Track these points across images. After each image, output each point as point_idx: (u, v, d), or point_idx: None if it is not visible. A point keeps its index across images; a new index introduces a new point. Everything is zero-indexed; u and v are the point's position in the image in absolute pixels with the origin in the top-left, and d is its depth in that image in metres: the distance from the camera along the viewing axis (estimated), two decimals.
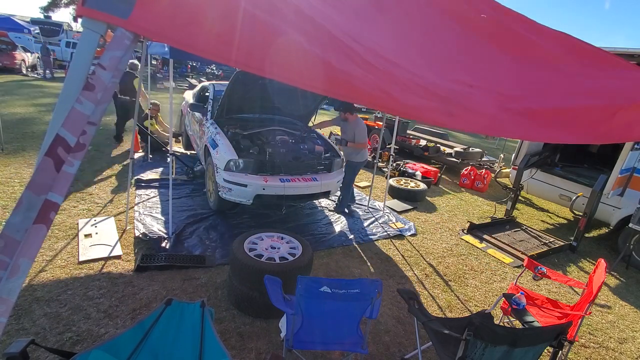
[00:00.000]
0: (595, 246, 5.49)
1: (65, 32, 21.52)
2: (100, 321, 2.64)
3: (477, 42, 1.36)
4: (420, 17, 1.35)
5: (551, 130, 1.31)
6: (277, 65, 1.06)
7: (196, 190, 5.28)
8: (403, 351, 2.79)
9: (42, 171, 0.88)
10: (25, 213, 0.87)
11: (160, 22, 0.96)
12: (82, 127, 0.92)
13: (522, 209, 6.82)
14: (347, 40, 1.12)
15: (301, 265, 2.85)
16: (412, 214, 5.69)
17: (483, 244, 4.89)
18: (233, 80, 4.33)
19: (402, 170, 7.60)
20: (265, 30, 1.03)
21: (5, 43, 15.41)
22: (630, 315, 3.73)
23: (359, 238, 4.52)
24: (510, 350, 1.84)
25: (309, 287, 2.01)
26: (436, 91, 1.19)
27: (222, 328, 2.72)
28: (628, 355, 3.13)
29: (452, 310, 3.38)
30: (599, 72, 1.39)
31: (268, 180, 4.15)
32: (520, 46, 1.38)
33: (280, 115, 5.64)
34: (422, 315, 2.24)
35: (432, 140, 9.96)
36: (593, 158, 7.00)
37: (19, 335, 2.42)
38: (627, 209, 4.95)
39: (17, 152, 5.73)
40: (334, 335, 2.20)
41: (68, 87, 0.95)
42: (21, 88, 11.87)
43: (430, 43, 1.34)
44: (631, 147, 4.78)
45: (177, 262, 3.43)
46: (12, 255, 0.85)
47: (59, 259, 3.28)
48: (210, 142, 4.49)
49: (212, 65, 22.32)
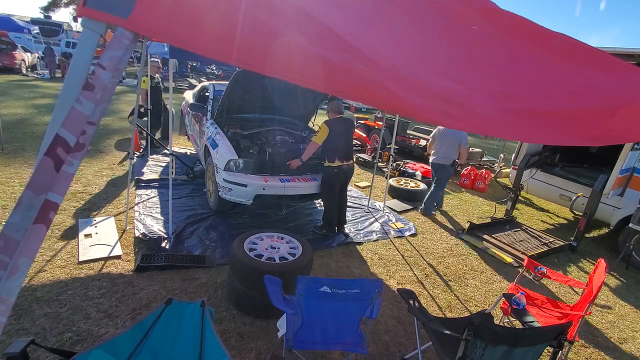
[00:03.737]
0: (595, 246, 5.49)
1: (65, 32, 21.56)
2: (100, 321, 2.64)
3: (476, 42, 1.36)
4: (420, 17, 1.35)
5: (550, 131, 1.31)
6: (279, 63, 1.06)
7: (196, 190, 5.28)
8: (403, 351, 2.79)
9: (42, 171, 0.88)
10: (25, 213, 0.87)
11: (160, 22, 0.96)
12: (81, 127, 0.92)
13: (522, 209, 6.82)
14: (348, 38, 1.12)
15: (301, 265, 2.85)
16: (412, 214, 5.69)
17: (483, 244, 4.88)
18: (233, 80, 4.33)
19: (402, 170, 7.60)
20: (266, 28, 1.03)
21: (5, 43, 15.42)
22: (630, 315, 3.73)
23: (359, 238, 4.52)
24: (510, 350, 1.84)
25: (309, 287, 2.01)
26: (436, 91, 1.19)
27: (222, 328, 2.72)
28: (628, 355, 3.13)
29: (452, 310, 3.38)
30: (598, 72, 1.39)
31: (268, 180, 4.15)
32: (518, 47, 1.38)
33: (280, 115, 5.64)
34: (422, 315, 2.24)
35: None
36: (593, 158, 7.00)
37: (19, 335, 2.42)
38: (627, 209, 4.95)
39: (17, 152, 5.73)
40: (334, 335, 2.20)
41: (68, 87, 0.95)
42: (21, 88, 11.87)
43: (431, 43, 1.34)
44: (631, 147, 4.78)
45: (177, 262, 3.43)
46: (12, 255, 0.85)
47: (59, 259, 3.28)
48: (210, 142, 4.49)
49: (212, 65, 22.31)
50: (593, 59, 1.40)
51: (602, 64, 1.40)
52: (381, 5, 1.33)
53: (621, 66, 1.39)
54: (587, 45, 1.41)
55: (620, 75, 1.39)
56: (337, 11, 1.23)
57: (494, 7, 1.36)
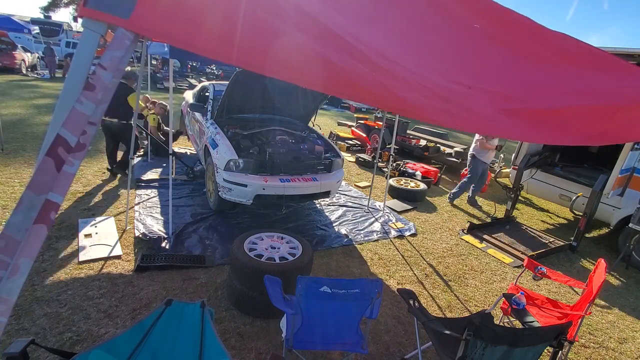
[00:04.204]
0: (595, 246, 5.49)
1: (65, 32, 21.56)
2: (100, 321, 2.64)
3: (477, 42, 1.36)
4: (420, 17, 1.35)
5: (550, 131, 1.31)
6: (279, 63, 1.06)
7: (196, 190, 5.28)
8: (403, 351, 2.79)
9: (43, 171, 0.88)
10: (25, 213, 0.87)
11: (161, 22, 0.96)
12: (82, 127, 0.92)
13: (522, 209, 6.83)
14: (349, 38, 1.12)
15: (301, 265, 2.85)
16: (412, 214, 5.69)
17: (483, 244, 4.89)
18: (233, 80, 4.33)
19: (402, 170, 7.60)
20: (267, 29, 1.03)
21: (5, 43, 15.41)
22: (630, 315, 3.73)
23: (359, 238, 4.52)
24: (510, 350, 1.84)
25: (309, 287, 2.01)
26: (437, 91, 1.19)
27: (222, 328, 2.72)
28: (628, 355, 3.13)
29: (452, 310, 3.38)
30: (599, 72, 1.39)
31: (268, 180, 4.15)
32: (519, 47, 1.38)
33: (280, 115, 5.64)
34: (422, 315, 2.24)
35: (432, 140, 9.95)
36: (593, 158, 6.99)
37: (19, 335, 2.42)
38: (627, 209, 4.95)
39: (17, 152, 5.73)
40: (334, 335, 2.20)
41: (68, 87, 0.95)
42: (21, 88, 11.87)
43: (431, 43, 1.34)
44: (631, 147, 4.78)
45: (177, 262, 3.43)
46: (12, 255, 0.85)
47: (59, 259, 3.28)
48: (210, 142, 4.49)
49: (212, 65, 22.30)
50: (593, 58, 1.40)
51: (602, 64, 1.40)
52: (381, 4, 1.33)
53: (621, 66, 1.39)
54: (587, 45, 1.41)
55: (620, 75, 1.39)
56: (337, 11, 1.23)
57: (495, 6, 1.36)
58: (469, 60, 1.35)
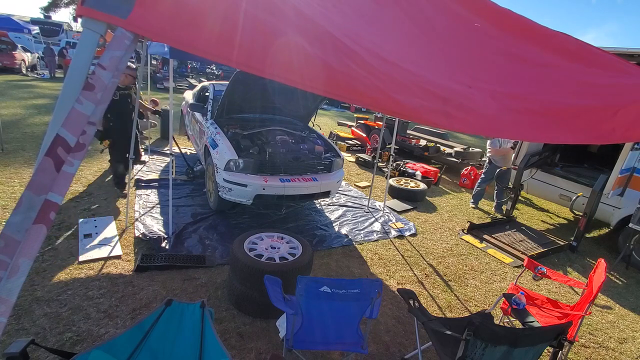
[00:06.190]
0: (595, 246, 5.49)
1: (65, 32, 21.55)
2: (100, 321, 2.64)
3: (477, 42, 1.36)
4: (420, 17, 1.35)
5: (552, 130, 1.31)
6: (278, 66, 1.06)
7: (196, 190, 5.28)
8: (403, 351, 2.79)
9: (42, 171, 0.88)
10: (25, 213, 0.87)
11: (160, 22, 0.96)
12: (82, 127, 0.92)
13: (522, 209, 6.82)
14: (348, 41, 1.12)
15: (301, 265, 2.85)
16: (412, 214, 5.69)
17: (483, 244, 4.88)
18: (233, 80, 4.33)
19: (402, 170, 7.60)
20: (266, 31, 1.03)
21: (5, 43, 15.41)
22: (630, 315, 3.73)
23: (359, 238, 4.51)
24: (510, 350, 1.84)
25: (309, 287, 2.01)
26: (435, 91, 1.19)
27: (222, 328, 2.72)
28: (628, 355, 3.13)
29: (452, 310, 3.38)
30: (600, 72, 1.39)
31: (268, 180, 4.15)
32: (519, 46, 1.37)
33: (280, 115, 5.64)
34: (422, 315, 2.24)
35: (432, 140, 9.96)
36: (593, 158, 6.99)
37: (19, 335, 2.42)
38: (627, 209, 4.95)
39: (17, 152, 5.73)
40: (334, 335, 2.20)
41: (68, 87, 0.95)
42: (21, 88, 11.87)
43: (431, 43, 1.34)
44: (631, 147, 4.77)
45: (177, 262, 3.43)
46: (12, 255, 0.85)
47: (59, 259, 3.28)
48: (210, 142, 4.49)
49: (212, 65, 22.28)
50: (594, 58, 1.40)
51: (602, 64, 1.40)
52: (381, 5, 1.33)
53: (622, 66, 1.39)
54: (588, 45, 1.41)
55: (620, 75, 1.39)
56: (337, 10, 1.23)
57: (495, 7, 1.36)
58: (469, 60, 1.35)
